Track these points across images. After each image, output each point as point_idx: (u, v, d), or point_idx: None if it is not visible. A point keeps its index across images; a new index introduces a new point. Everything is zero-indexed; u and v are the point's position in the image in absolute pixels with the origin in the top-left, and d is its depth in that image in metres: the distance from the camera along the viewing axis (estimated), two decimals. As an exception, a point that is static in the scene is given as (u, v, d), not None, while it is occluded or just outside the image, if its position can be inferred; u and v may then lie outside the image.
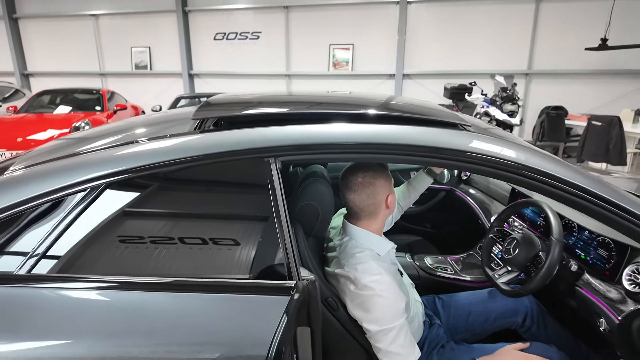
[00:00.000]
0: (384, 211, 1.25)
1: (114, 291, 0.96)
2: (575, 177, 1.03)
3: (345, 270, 1.16)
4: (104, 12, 9.51)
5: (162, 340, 0.91)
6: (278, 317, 0.89)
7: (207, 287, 0.95)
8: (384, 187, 1.22)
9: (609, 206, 1.01)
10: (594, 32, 6.65)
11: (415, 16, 7.91)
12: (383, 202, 1.23)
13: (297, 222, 1.24)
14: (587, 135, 5.51)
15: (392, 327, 1.09)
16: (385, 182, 1.23)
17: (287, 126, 1.07)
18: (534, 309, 1.44)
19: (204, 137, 1.06)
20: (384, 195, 1.23)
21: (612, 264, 1.27)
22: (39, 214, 1.00)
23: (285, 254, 0.97)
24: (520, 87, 7.30)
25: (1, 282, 0.94)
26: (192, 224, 1.10)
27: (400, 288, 1.16)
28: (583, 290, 1.30)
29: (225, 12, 8.87)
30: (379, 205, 1.23)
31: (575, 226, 1.47)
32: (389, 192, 1.24)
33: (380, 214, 1.25)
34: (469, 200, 2.24)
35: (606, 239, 1.32)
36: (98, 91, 7.08)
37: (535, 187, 1.05)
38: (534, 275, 1.26)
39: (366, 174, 1.20)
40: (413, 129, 1.08)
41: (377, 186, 1.21)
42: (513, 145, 1.09)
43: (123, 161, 1.02)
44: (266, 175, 1.01)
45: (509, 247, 1.42)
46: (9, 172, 1.10)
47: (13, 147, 5.00)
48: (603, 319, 1.19)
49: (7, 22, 9.82)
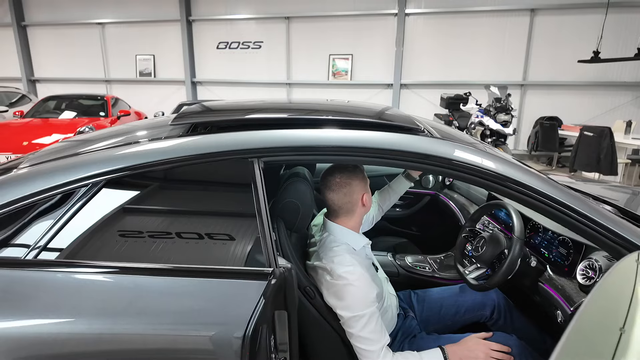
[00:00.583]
0: (361, 209, 1.37)
1: (112, 275, 1.07)
2: (518, 176, 1.15)
3: (323, 262, 1.28)
4: (110, 20, 9.75)
5: (154, 320, 1.02)
6: (256, 300, 1.00)
7: (194, 272, 1.06)
8: (359, 186, 1.34)
9: (561, 207, 1.12)
10: (587, 45, 6.81)
11: (413, 28, 8.09)
12: (359, 200, 1.35)
13: (279, 218, 1.36)
14: (579, 146, 5.62)
15: (363, 314, 1.19)
16: (361, 182, 1.35)
17: (270, 130, 1.20)
18: (501, 303, 1.55)
19: (197, 139, 1.18)
20: (359, 194, 1.35)
21: (569, 260, 1.38)
22: (44, 206, 1.11)
23: (264, 244, 1.08)
24: (515, 98, 7.44)
25: (11, 265, 1.05)
26: (187, 220, 1.21)
27: (372, 279, 1.27)
28: (545, 285, 1.41)
29: (229, 22, 9.09)
30: (355, 204, 1.35)
31: (541, 227, 1.58)
32: (364, 192, 1.36)
33: (357, 211, 1.36)
34: (451, 204, 2.36)
35: (565, 238, 1.43)
36: (102, 97, 7.24)
37: (486, 185, 1.17)
38: (497, 270, 1.37)
39: (342, 175, 1.32)
40: (378, 135, 1.20)
41: (353, 186, 1.33)
42: (476, 150, 1.21)
43: (121, 160, 1.14)
44: (250, 174, 1.13)
45: (478, 245, 1.54)
46: (16, 170, 1.22)
47: (19, 150, 5.15)
48: (559, 311, 1.29)
49: (16, 30, 10.07)
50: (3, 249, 1.08)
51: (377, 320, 1.21)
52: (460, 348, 1.26)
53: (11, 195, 1.09)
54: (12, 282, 1.04)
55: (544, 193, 1.13)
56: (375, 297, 1.23)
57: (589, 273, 1.26)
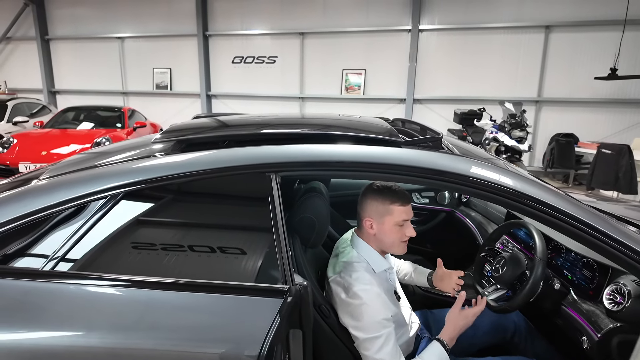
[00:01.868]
0: (368, 233, 1.30)
1: (125, 289, 1.06)
2: (524, 187, 1.12)
3: (340, 276, 1.25)
4: (129, 35, 10.02)
5: (165, 335, 1.01)
6: (271, 318, 0.98)
7: (208, 288, 1.05)
8: (369, 207, 1.28)
9: (584, 227, 1.08)
10: (604, 62, 6.73)
11: (426, 43, 8.12)
12: (362, 220, 1.30)
13: (295, 234, 1.34)
14: (597, 163, 5.50)
15: (379, 335, 1.16)
16: (373, 205, 1.27)
17: (288, 145, 1.19)
18: (522, 326, 1.49)
19: (214, 153, 1.18)
20: (365, 214, 1.29)
21: (595, 284, 1.33)
22: (62, 218, 1.12)
23: (280, 260, 1.06)
24: (530, 114, 7.36)
25: (28, 276, 1.05)
26: (200, 233, 1.21)
27: (389, 301, 1.24)
28: (568, 309, 1.36)
29: (244, 37, 9.26)
30: (360, 221, 1.32)
31: (563, 248, 1.53)
32: (369, 217, 1.28)
33: (363, 230, 1.31)
34: (467, 222, 2.31)
35: (590, 260, 1.37)
36: (120, 109, 7.40)
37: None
38: (519, 292, 1.33)
39: (368, 187, 1.30)
40: (393, 151, 1.18)
41: (365, 203, 1.30)
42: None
43: (140, 173, 1.15)
44: (266, 189, 1.12)
45: (498, 265, 1.49)
46: (37, 181, 1.23)
47: (37, 160, 5.26)
48: (585, 336, 1.24)
49: (39, 43, 10.41)
50: (22, 259, 1.09)
51: (393, 342, 1.18)
52: (454, 328, 1.26)
53: (32, 206, 1.10)
54: (28, 293, 1.04)
55: (565, 212, 1.08)
56: (391, 317, 1.20)
57: (616, 298, 1.21)
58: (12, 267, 1.07)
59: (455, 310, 1.27)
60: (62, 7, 10.34)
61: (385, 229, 1.27)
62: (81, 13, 10.23)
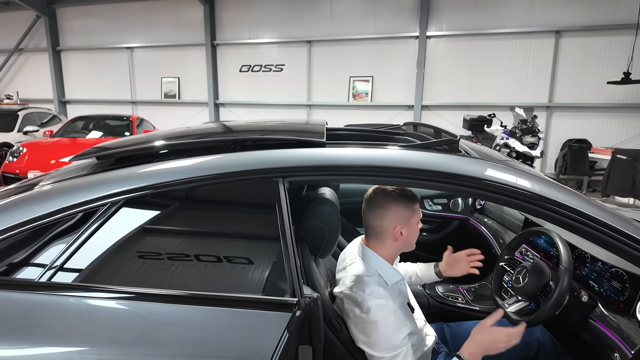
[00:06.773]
0: (392, 241, 1.23)
1: (126, 301, 1.01)
2: (551, 193, 1.04)
3: (352, 291, 1.18)
4: (138, 45, 10.14)
5: (168, 351, 0.94)
6: (279, 333, 0.91)
7: (212, 301, 0.99)
8: (396, 214, 1.20)
9: (611, 232, 0.99)
10: (616, 66, 6.62)
11: (434, 50, 8.08)
12: (391, 230, 1.21)
13: (304, 243, 1.27)
14: (612, 169, 5.36)
15: (395, 354, 1.08)
16: (402, 211, 1.21)
17: (296, 149, 1.13)
18: (547, 343, 1.40)
19: (219, 158, 1.12)
20: (393, 222, 1.21)
21: (626, 296, 1.24)
22: (62, 225, 1.07)
23: (289, 270, 0.99)
24: (541, 120, 7.24)
25: (23, 288, 1.00)
26: (206, 241, 1.15)
27: (405, 317, 1.16)
28: (597, 323, 1.27)
29: (252, 46, 9.31)
30: (386, 231, 1.22)
31: (588, 257, 1.44)
32: (401, 224, 1.21)
33: (387, 241, 1.24)
34: (483, 229, 2.22)
35: (619, 271, 1.28)
36: (128, 118, 7.44)
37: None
38: (543, 305, 1.24)
39: (382, 194, 1.22)
40: (404, 153, 1.13)
41: (389, 211, 1.21)
42: None
43: (142, 178, 1.09)
44: (273, 195, 1.06)
45: (519, 275, 1.40)
46: (38, 187, 1.19)
47: (46, 168, 5.28)
48: (617, 353, 1.15)
49: (51, 54, 10.59)
50: (18, 270, 1.04)
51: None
52: (477, 345, 1.14)
53: (31, 214, 1.05)
54: (23, 306, 0.98)
55: (590, 215, 1.00)
56: (407, 335, 1.12)
57: (652, 312, 1.12)
58: (6, 279, 1.01)
59: (484, 324, 1.16)
60: (74, 19, 10.53)
61: (413, 230, 1.25)
62: (92, 24, 10.40)
